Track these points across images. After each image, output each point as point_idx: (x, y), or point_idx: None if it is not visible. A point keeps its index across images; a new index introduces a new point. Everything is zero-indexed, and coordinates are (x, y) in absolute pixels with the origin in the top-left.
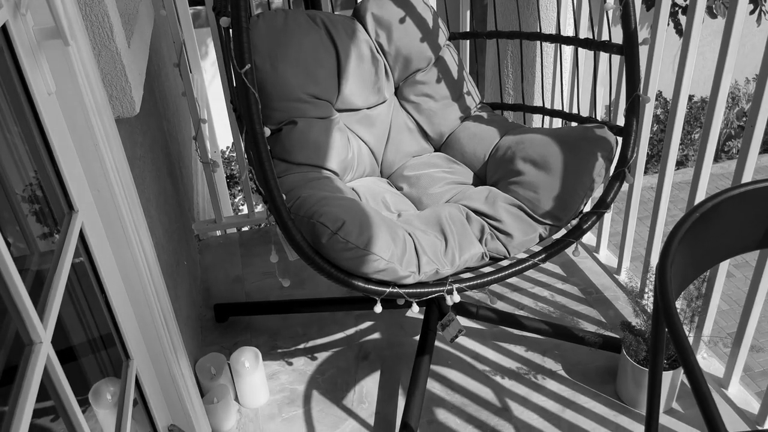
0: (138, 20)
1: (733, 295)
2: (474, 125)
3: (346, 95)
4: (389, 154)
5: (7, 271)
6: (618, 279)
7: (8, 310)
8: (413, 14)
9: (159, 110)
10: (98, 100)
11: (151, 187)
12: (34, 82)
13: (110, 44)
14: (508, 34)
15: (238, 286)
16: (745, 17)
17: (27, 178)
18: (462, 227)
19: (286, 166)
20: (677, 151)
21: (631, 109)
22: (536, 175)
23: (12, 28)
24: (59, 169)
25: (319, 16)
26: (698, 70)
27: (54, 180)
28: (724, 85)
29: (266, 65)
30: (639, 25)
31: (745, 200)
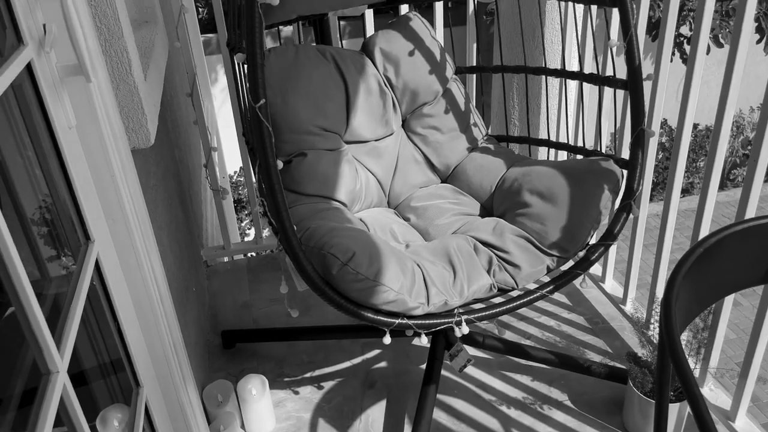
0: (154, 53)
1: (741, 324)
2: (480, 157)
3: (355, 127)
4: (396, 185)
5: (27, 300)
6: (624, 309)
7: (27, 339)
8: (421, 49)
9: (171, 139)
10: (116, 132)
11: (162, 215)
12: (55, 116)
13: (128, 78)
14: (513, 68)
15: (246, 312)
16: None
17: (45, 207)
18: (470, 258)
19: (296, 197)
20: (682, 181)
21: (637, 143)
22: (543, 207)
23: (36, 66)
24: (77, 200)
25: (329, 51)
26: (703, 98)
27: (72, 210)
28: (728, 117)
29: (277, 99)
30: (643, 55)
31: (748, 236)
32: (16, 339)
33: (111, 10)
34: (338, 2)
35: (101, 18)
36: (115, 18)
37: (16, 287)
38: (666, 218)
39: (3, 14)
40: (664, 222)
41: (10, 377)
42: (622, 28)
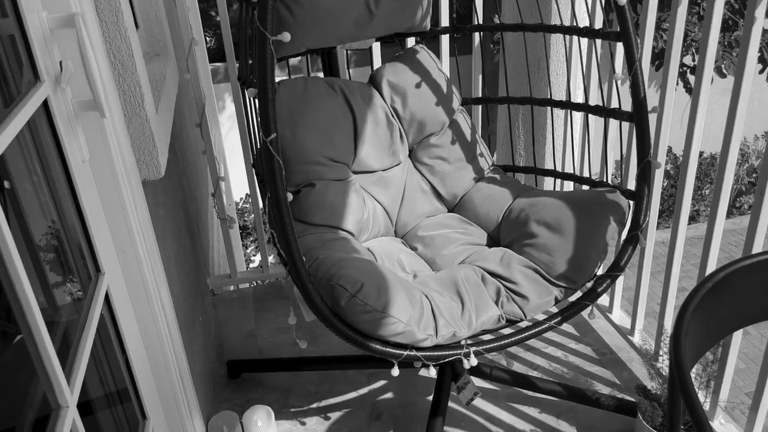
0: (165, 85)
1: (750, 353)
2: (487, 187)
3: (362, 158)
4: (403, 215)
5: (39, 336)
6: (632, 340)
7: (37, 373)
8: (427, 80)
9: (180, 168)
10: (127, 165)
11: (171, 245)
12: (70, 150)
13: (140, 112)
14: (519, 99)
15: (251, 341)
16: (754, 76)
17: (56, 239)
18: (478, 289)
19: (303, 227)
20: (689, 211)
21: (643, 175)
22: (550, 237)
23: (52, 101)
24: (89, 233)
25: (337, 83)
26: (707, 126)
27: (83, 243)
28: (733, 151)
29: (286, 130)
30: (647, 82)
31: (756, 271)
32: (25, 368)
33: (125, 46)
34: (346, 36)
35: (115, 53)
36: (129, 54)
37: (29, 322)
38: (672, 251)
39: (21, 52)
40: (671, 254)
41: (21, 409)
42: (627, 62)
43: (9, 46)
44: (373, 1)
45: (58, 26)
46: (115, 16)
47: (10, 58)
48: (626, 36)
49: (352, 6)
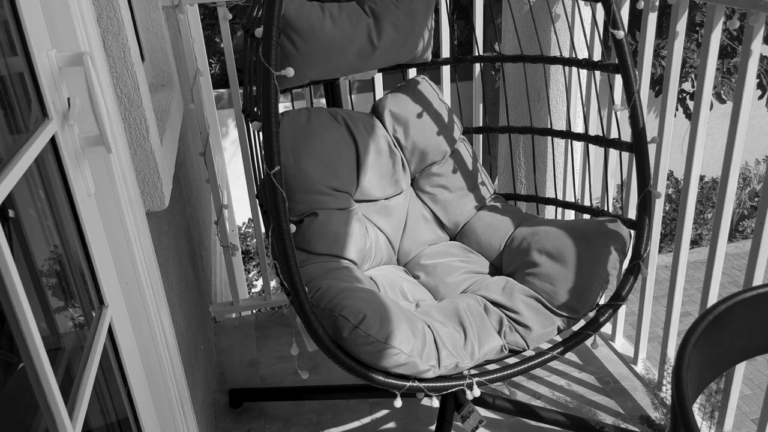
0: (170, 116)
1: (756, 380)
2: (489, 215)
3: (365, 187)
4: (406, 243)
5: (42, 368)
6: (635, 369)
7: (40, 407)
8: (429, 110)
9: (183, 197)
10: (132, 197)
11: (174, 274)
12: (76, 185)
13: (145, 144)
14: (520, 129)
15: (253, 370)
16: (753, 102)
17: (61, 271)
18: (480, 319)
19: (306, 256)
20: (689, 239)
21: (643, 205)
22: (552, 267)
23: (59, 138)
24: (93, 265)
25: (340, 114)
26: (708, 150)
27: (88, 275)
28: (732, 179)
29: (290, 160)
30: (647, 108)
31: (757, 303)
32: (27, 401)
33: (131, 81)
34: (349, 68)
35: (122, 88)
36: (135, 88)
37: (32, 355)
38: (674, 281)
39: (29, 89)
40: (672, 284)
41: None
42: (626, 93)
43: (18, 83)
44: (375, 35)
45: (66, 64)
46: (122, 52)
47: (19, 96)
48: (625, 68)
49: (355, 39)
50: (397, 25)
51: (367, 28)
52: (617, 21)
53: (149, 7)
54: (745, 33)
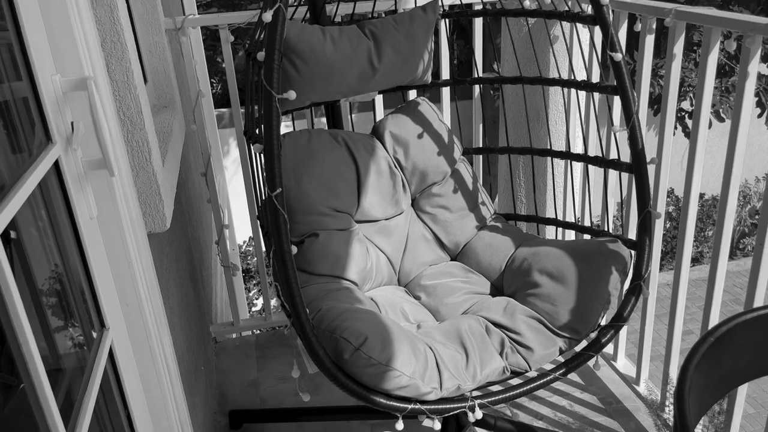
0: (172, 137)
1: (759, 398)
2: (489, 236)
3: (366, 207)
4: (406, 264)
5: (42, 391)
6: (638, 389)
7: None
8: (429, 131)
9: (185, 217)
10: (133, 219)
11: (174, 295)
12: (78, 208)
13: (148, 166)
14: (519, 150)
15: (253, 390)
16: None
17: (62, 293)
18: (482, 340)
19: (307, 277)
20: (690, 259)
21: (643, 226)
22: (553, 287)
23: (63, 162)
24: (94, 288)
25: (341, 135)
26: (708, 169)
27: (89, 298)
28: (732, 199)
29: (291, 182)
30: (647, 127)
31: (758, 325)
32: (27, 425)
33: (134, 104)
34: (350, 90)
35: (125, 111)
36: (138, 111)
37: (33, 379)
38: (675, 303)
39: (33, 113)
40: (673, 305)
41: None
42: (624, 115)
43: (22, 107)
44: (375, 57)
45: (70, 89)
46: (125, 75)
47: (23, 120)
48: (623, 90)
49: (356, 62)
50: (397, 47)
51: (367, 51)
52: (615, 44)
53: (152, 30)
54: (742, 55)
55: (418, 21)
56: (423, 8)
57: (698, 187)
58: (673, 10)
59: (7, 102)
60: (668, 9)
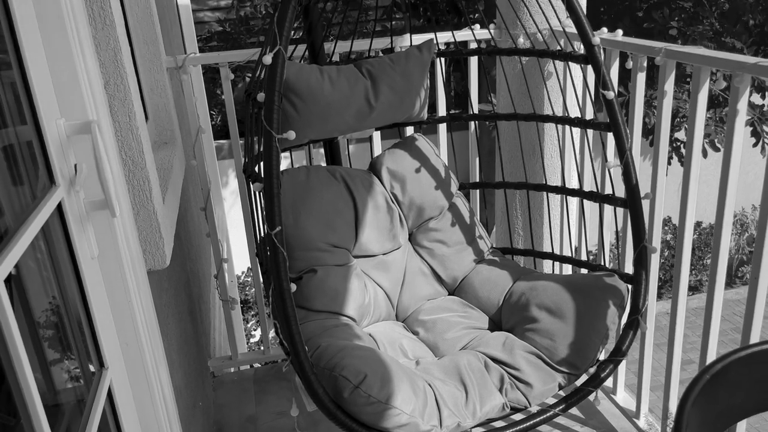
0: (172, 174)
1: (762, 429)
2: (487, 270)
3: (363, 242)
4: (404, 298)
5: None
6: (638, 423)
7: None
8: (426, 166)
9: (184, 251)
10: (134, 257)
11: (173, 331)
12: (80, 248)
13: (148, 205)
14: (515, 185)
15: (251, 426)
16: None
17: (62, 333)
18: (481, 376)
19: (305, 314)
20: (686, 290)
21: (639, 260)
22: (552, 322)
23: (65, 203)
24: (94, 327)
25: (339, 171)
26: (705, 197)
27: (89, 337)
28: (726, 232)
29: (289, 219)
30: (642, 157)
31: (753, 361)
32: None
33: (136, 143)
34: (347, 128)
35: (126, 151)
36: (140, 151)
37: (31, 417)
38: (673, 334)
39: (38, 157)
40: (671, 336)
41: None
42: (618, 151)
43: (27, 151)
44: (372, 96)
45: (74, 132)
46: (127, 117)
47: (28, 164)
48: (616, 127)
49: (353, 101)
50: (393, 86)
51: (364, 90)
52: (607, 82)
53: (154, 69)
54: (731, 94)
55: (414, 60)
56: (419, 47)
57: (692, 222)
58: (663, 49)
59: (12, 146)
60: (658, 48)
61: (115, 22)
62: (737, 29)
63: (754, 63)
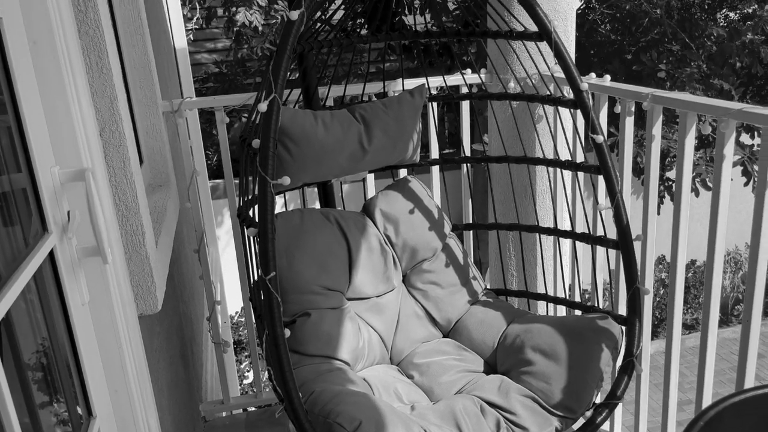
0: (166, 217)
1: None
2: (481, 311)
3: (357, 285)
4: (399, 341)
5: None
6: None
7: None
8: (419, 208)
9: (177, 293)
10: (125, 302)
11: (164, 376)
12: (71, 295)
13: (141, 250)
14: (507, 226)
15: None
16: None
17: (51, 382)
18: (477, 422)
19: (299, 358)
20: (680, 330)
21: (633, 302)
22: (547, 365)
23: (57, 250)
24: (83, 375)
25: (332, 214)
26: (697, 236)
27: (77, 385)
28: (716, 278)
29: (283, 262)
30: (635, 195)
31: (746, 407)
32: None
33: (130, 189)
34: (341, 171)
35: (120, 196)
36: (134, 196)
37: None
38: (668, 379)
39: (31, 204)
40: (666, 381)
41: None
42: (608, 194)
43: (21, 198)
44: (366, 140)
45: (68, 180)
46: (122, 162)
47: (21, 211)
48: (606, 170)
49: (347, 144)
50: (386, 130)
51: (358, 134)
52: (596, 126)
53: (150, 113)
54: (717, 139)
55: (406, 105)
56: (411, 92)
57: (683, 268)
58: (650, 95)
59: (6, 193)
60: (645, 93)
61: (112, 70)
62: (724, 71)
63: (738, 109)
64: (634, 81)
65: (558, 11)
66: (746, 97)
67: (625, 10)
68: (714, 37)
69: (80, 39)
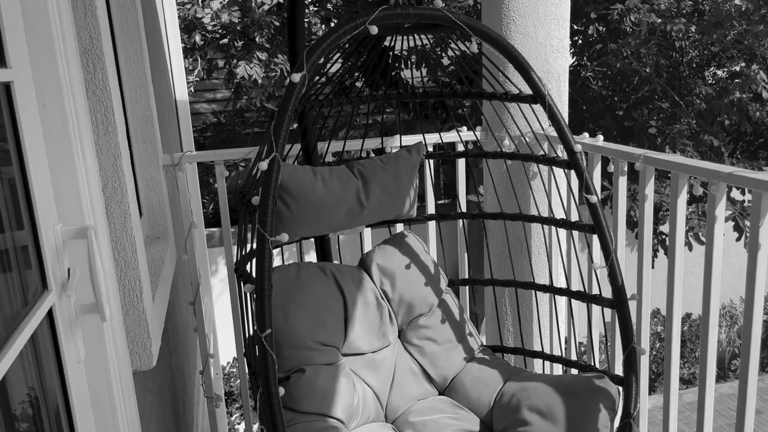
0: (163, 270)
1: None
2: (477, 369)
3: (352, 340)
4: (394, 398)
5: None
6: None
7: None
8: (416, 263)
9: (170, 346)
10: (120, 359)
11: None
12: (67, 352)
13: (138, 305)
14: (503, 282)
15: None
16: (731, 242)
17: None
18: None
19: (293, 416)
20: (677, 389)
21: (629, 362)
22: (544, 426)
23: (56, 307)
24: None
25: (329, 267)
26: (692, 289)
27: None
28: (713, 327)
29: (279, 316)
30: (629, 248)
31: None
32: None
33: (129, 244)
34: (339, 225)
35: (119, 251)
36: (133, 251)
37: None
38: (667, 425)
39: (32, 261)
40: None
41: None
42: (603, 254)
43: (21, 256)
44: (363, 195)
45: (70, 237)
46: (123, 218)
47: (21, 268)
48: (600, 229)
49: (345, 200)
50: (384, 186)
51: (356, 189)
52: (590, 187)
53: (150, 166)
54: (708, 201)
55: (403, 161)
56: (408, 150)
57: (678, 331)
58: (642, 156)
59: (7, 250)
60: (637, 155)
61: (117, 128)
62: (714, 128)
63: (729, 172)
64: (626, 136)
65: (551, 72)
66: (736, 153)
67: (616, 68)
68: (703, 95)
69: (87, 99)
